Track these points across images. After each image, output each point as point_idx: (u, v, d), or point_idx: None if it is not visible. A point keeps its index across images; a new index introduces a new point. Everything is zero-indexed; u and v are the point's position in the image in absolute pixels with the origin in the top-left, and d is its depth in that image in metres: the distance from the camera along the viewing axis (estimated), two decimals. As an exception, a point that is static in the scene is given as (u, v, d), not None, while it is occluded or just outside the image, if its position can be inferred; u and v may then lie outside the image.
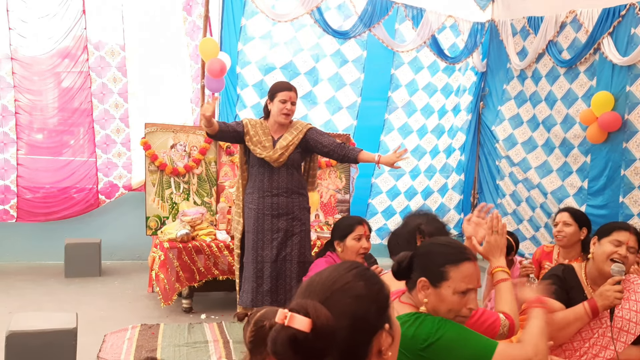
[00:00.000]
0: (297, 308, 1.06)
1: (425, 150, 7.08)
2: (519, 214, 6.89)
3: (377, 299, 1.17)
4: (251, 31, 5.97)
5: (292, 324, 1.04)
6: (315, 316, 1.05)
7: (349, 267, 1.20)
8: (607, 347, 2.40)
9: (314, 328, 1.04)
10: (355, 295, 1.14)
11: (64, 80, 5.90)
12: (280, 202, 3.81)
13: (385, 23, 6.45)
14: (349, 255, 3.05)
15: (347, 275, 1.17)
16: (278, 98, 3.74)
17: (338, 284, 1.15)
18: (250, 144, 3.77)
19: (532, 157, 6.68)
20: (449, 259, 1.78)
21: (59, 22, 5.68)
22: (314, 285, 1.17)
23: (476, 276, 1.81)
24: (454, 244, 1.91)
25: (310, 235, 4.08)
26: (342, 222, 3.22)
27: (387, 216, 6.99)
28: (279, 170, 3.79)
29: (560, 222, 3.53)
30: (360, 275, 1.18)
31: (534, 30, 6.57)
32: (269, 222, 3.81)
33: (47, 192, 5.83)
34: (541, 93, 6.55)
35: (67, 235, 5.83)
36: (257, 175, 3.84)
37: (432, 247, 1.87)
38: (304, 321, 1.04)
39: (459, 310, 1.77)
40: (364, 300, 1.14)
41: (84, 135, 5.98)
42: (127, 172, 6.10)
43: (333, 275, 1.17)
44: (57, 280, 5.51)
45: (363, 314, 1.13)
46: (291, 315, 1.05)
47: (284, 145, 3.76)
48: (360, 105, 6.60)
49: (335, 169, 5.81)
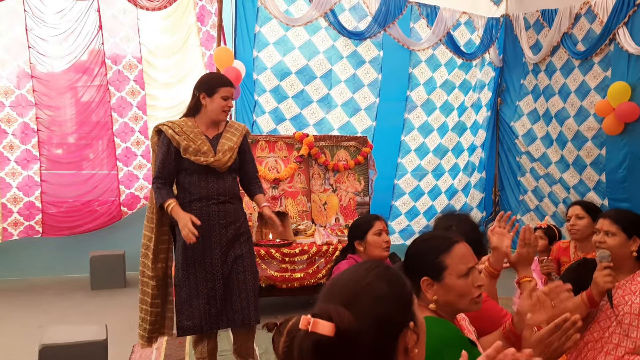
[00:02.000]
0: (319, 313, 1.06)
1: (448, 149, 7.04)
2: (542, 210, 6.82)
3: (400, 298, 1.16)
4: (265, 37, 6.01)
5: (315, 330, 1.03)
6: (338, 320, 1.04)
7: (370, 267, 1.19)
8: (628, 336, 2.38)
9: (338, 332, 1.03)
10: (378, 296, 1.13)
11: (83, 95, 5.99)
12: (227, 209, 3.23)
13: (400, 22, 6.46)
14: (373, 250, 2.99)
15: (368, 276, 1.15)
16: (220, 94, 3.18)
17: (359, 286, 1.14)
18: (189, 155, 3.15)
19: (552, 151, 6.61)
20: (439, 249, 1.77)
21: (76, 38, 5.77)
22: (336, 288, 1.16)
23: (471, 254, 1.80)
24: (436, 235, 1.91)
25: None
26: (359, 221, 3.18)
27: (411, 217, 6.96)
28: (224, 175, 3.23)
29: (573, 216, 3.48)
30: (381, 274, 1.16)
31: (548, 23, 6.52)
32: (217, 233, 3.21)
33: (70, 206, 5.92)
34: (554, 86, 6.49)
35: (91, 248, 5.91)
36: (198, 182, 3.19)
37: (418, 246, 1.85)
38: (327, 326, 1.03)
39: (470, 292, 1.75)
40: (386, 300, 1.13)
41: (104, 149, 6.05)
42: (148, 183, 6.16)
43: (354, 277, 1.16)
44: (84, 292, 5.57)
45: (387, 314, 1.12)
46: (314, 320, 1.04)
47: (230, 147, 3.24)
48: (379, 105, 6.59)
49: (354, 172, 5.81)
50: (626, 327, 2.38)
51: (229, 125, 3.33)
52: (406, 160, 6.84)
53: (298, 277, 4.75)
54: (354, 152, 5.80)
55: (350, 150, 5.80)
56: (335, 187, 5.72)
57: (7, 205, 5.68)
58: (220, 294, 3.19)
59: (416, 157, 6.87)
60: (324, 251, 4.86)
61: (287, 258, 4.73)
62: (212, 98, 3.19)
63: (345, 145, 5.79)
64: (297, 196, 5.55)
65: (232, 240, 3.24)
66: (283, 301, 5.09)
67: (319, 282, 4.80)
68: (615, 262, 2.47)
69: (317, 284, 4.81)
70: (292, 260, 4.75)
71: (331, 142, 5.74)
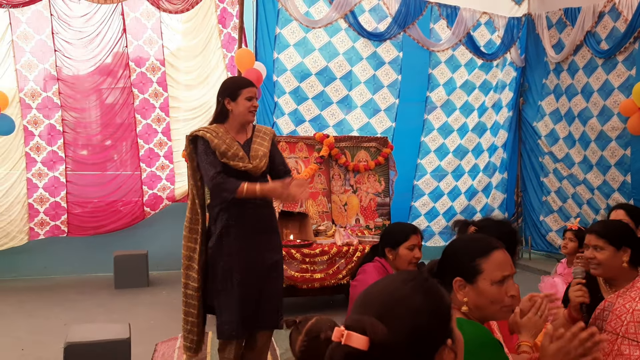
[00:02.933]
0: (353, 325, 1.02)
1: (468, 149, 6.99)
2: (566, 211, 6.73)
3: (438, 313, 1.10)
4: (286, 39, 6.05)
5: (349, 343, 1.00)
6: (373, 334, 1.01)
7: (406, 278, 1.14)
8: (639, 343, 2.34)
9: (372, 346, 1.00)
10: (414, 310, 1.07)
11: (107, 97, 6.09)
12: (263, 213, 3.23)
13: (419, 23, 6.45)
14: (401, 264, 2.97)
15: (404, 289, 1.10)
16: (243, 95, 3.15)
17: (395, 298, 1.09)
18: (228, 160, 3.12)
19: (575, 152, 6.52)
20: (477, 253, 1.75)
21: (100, 41, 5.87)
22: (370, 298, 1.11)
23: (509, 263, 1.77)
24: (478, 238, 1.88)
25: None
26: (396, 229, 3.12)
27: (430, 218, 6.94)
28: (257, 179, 3.19)
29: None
30: (418, 287, 1.11)
31: (571, 22, 6.43)
32: (254, 238, 3.20)
33: (95, 206, 6.02)
34: (577, 85, 6.41)
35: (115, 247, 6.00)
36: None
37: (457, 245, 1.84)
38: (360, 339, 1.00)
39: (502, 299, 1.73)
40: (423, 315, 1.07)
41: (128, 150, 6.15)
42: (170, 183, 6.25)
43: (390, 289, 1.11)
44: (108, 291, 5.67)
45: (423, 329, 1.07)
46: (347, 333, 1.01)
47: (264, 152, 3.24)
48: (399, 106, 6.58)
49: (374, 172, 5.80)
50: (633, 335, 2.34)
51: (257, 130, 3.32)
52: (426, 161, 6.82)
53: (318, 278, 4.77)
54: (375, 152, 5.80)
55: (371, 151, 5.79)
56: (355, 187, 5.72)
57: (34, 205, 5.80)
58: (255, 298, 3.18)
59: (436, 158, 6.84)
60: (345, 252, 4.87)
61: (308, 259, 4.74)
62: (237, 101, 3.16)
63: (366, 146, 5.79)
64: (318, 197, 5.57)
65: (268, 244, 3.24)
66: (303, 301, 5.11)
67: (340, 283, 4.81)
68: (612, 273, 2.48)
69: (338, 284, 4.82)
70: (312, 261, 4.76)
71: (351, 142, 5.75)
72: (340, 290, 4.89)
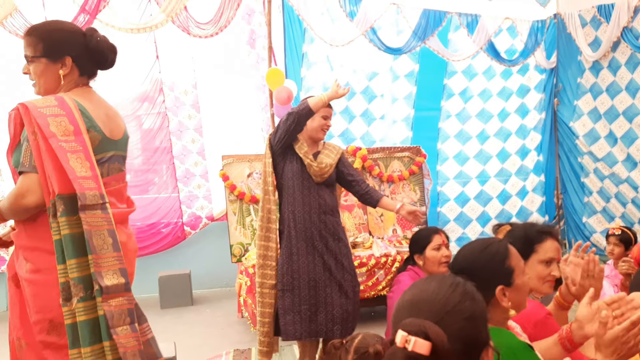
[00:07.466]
0: (415, 330, 1.05)
1: (491, 155, 6.96)
2: (609, 211, 6.55)
3: (483, 316, 1.17)
4: (312, 57, 6.14)
5: (413, 348, 1.03)
6: (437, 340, 1.04)
7: (452, 283, 1.19)
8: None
9: (434, 352, 1.03)
10: (467, 316, 1.13)
11: (144, 123, 6.28)
12: (327, 220, 3.37)
13: (439, 33, 6.43)
14: (431, 266, 3.00)
15: (454, 295, 1.16)
16: (320, 113, 3.37)
17: (449, 306, 1.14)
18: (299, 151, 3.38)
19: (617, 150, 6.36)
20: (501, 255, 1.74)
21: (136, 68, 6.07)
22: (421, 305, 1.15)
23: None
24: (488, 242, 1.82)
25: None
26: (418, 235, 3.17)
27: (463, 224, 6.88)
28: (320, 186, 3.38)
29: None
30: (465, 293, 1.17)
31: (606, 19, 6.31)
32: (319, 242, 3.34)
33: (138, 229, 6.18)
34: (620, 83, 6.26)
35: (159, 268, 6.14)
36: (302, 190, 3.36)
37: (477, 258, 1.77)
38: (424, 345, 1.03)
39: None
40: (474, 320, 1.14)
41: (166, 172, 6.32)
42: (208, 202, 6.38)
43: (440, 296, 1.15)
44: (154, 311, 5.79)
45: (474, 334, 1.13)
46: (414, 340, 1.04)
47: (329, 163, 3.40)
48: (414, 116, 6.62)
49: (409, 182, 5.79)
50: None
51: (326, 145, 3.55)
52: (445, 167, 6.86)
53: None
54: (408, 162, 5.79)
55: (404, 160, 5.79)
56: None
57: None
58: (322, 302, 3.31)
59: (455, 164, 6.88)
60: (383, 263, 4.87)
61: (346, 271, 4.75)
62: (313, 118, 3.37)
63: (399, 156, 5.79)
64: (353, 209, 5.58)
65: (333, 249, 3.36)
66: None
67: (379, 294, 4.81)
68: None
69: (377, 296, 4.82)
70: (350, 274, 4.76)
71: (384, 153, 5.76)
72: (380, 301, 4.88)
